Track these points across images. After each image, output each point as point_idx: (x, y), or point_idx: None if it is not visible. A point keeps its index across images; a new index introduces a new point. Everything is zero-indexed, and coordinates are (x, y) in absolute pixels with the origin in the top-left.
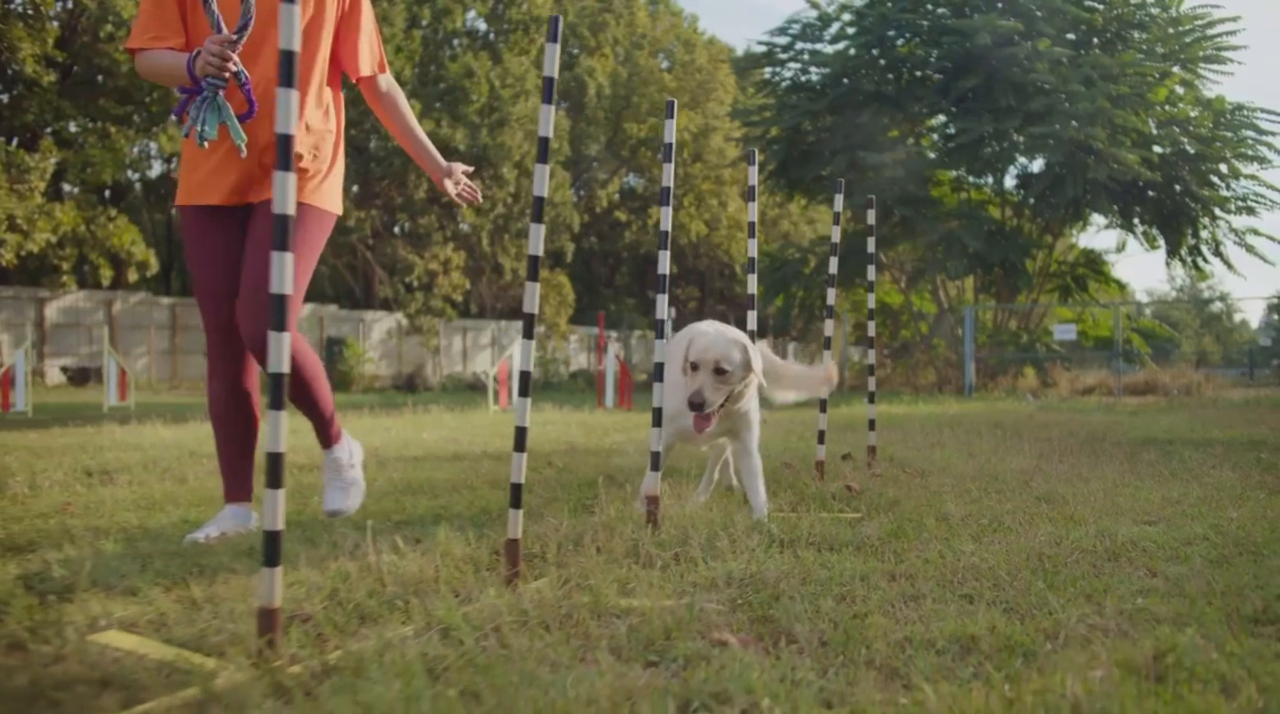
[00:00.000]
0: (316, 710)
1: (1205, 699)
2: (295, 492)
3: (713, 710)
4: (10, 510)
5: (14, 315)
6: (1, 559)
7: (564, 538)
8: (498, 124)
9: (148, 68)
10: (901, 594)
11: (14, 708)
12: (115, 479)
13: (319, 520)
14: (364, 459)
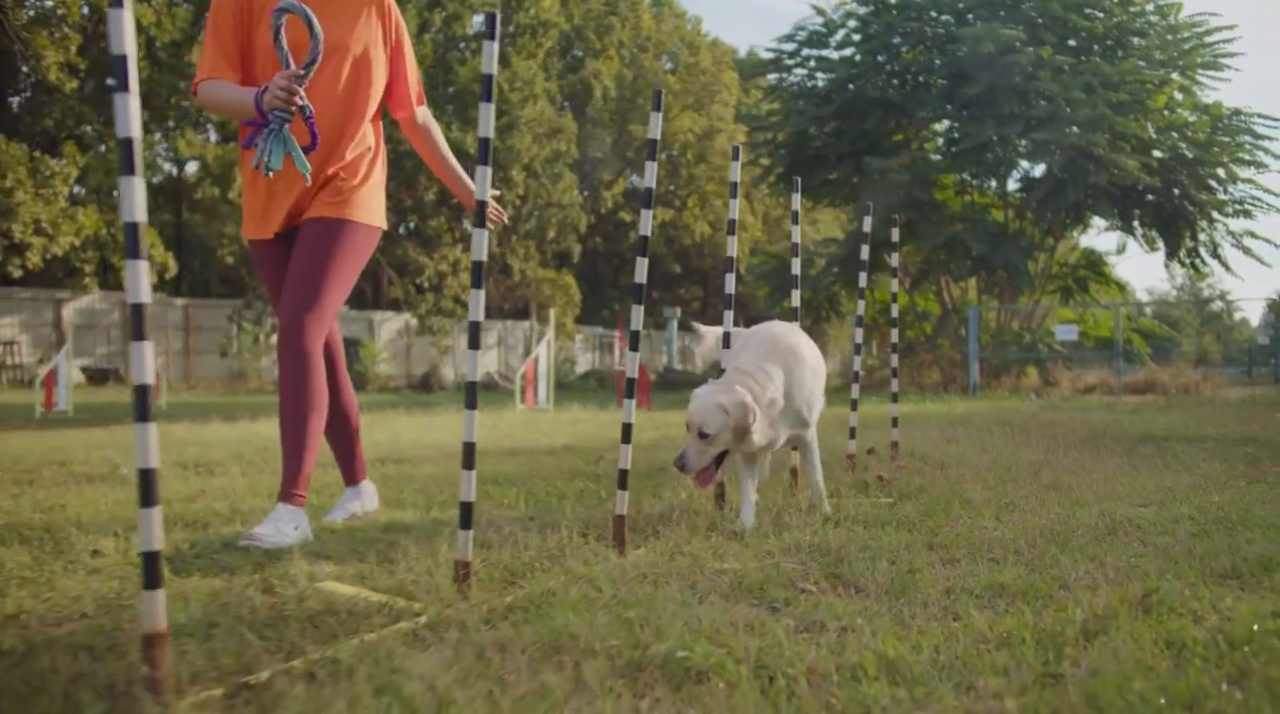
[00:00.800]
0: (519, 632)
1: (1179, 624)
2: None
3: (814, 632)
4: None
5: (33, 316)
6: (193, 530)
7: (648, 517)
8: (507, 127)
9: (208, 99)
10: (940, 558)
11: (283, 631)
12: (214, 471)
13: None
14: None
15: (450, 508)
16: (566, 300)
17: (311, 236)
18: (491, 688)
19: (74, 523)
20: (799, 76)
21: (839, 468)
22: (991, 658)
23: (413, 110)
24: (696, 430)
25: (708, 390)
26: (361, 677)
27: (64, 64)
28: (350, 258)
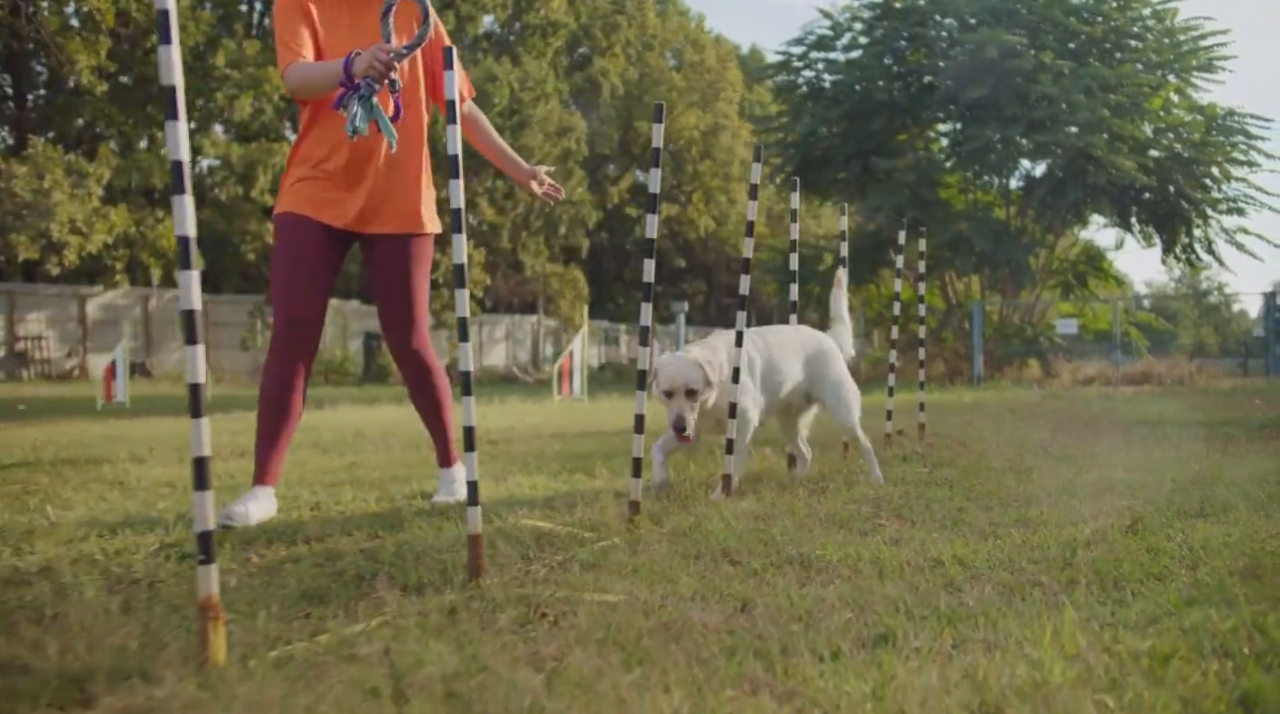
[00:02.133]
0: (693, 546)
1: (1157, 539)
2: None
3: (898, 545)
4: (316, 462)
5: (58, 312)
6: (389, 486)
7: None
8: (519, 126)
9: (299, 80)
10: (977, 505)
11: (518, 547)
12: (339, 451)
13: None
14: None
15: (568, 475)
16: (575, 294)
17: (393, 256)
18: (693, 575)
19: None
20: (807, 78)
21: (878, 445)
22: (1027, 555)
23: (463, 103)
24: (683, 390)
25: (671, 356)
26: (610, 565)
27: (95, 67)
28: (427, 267)
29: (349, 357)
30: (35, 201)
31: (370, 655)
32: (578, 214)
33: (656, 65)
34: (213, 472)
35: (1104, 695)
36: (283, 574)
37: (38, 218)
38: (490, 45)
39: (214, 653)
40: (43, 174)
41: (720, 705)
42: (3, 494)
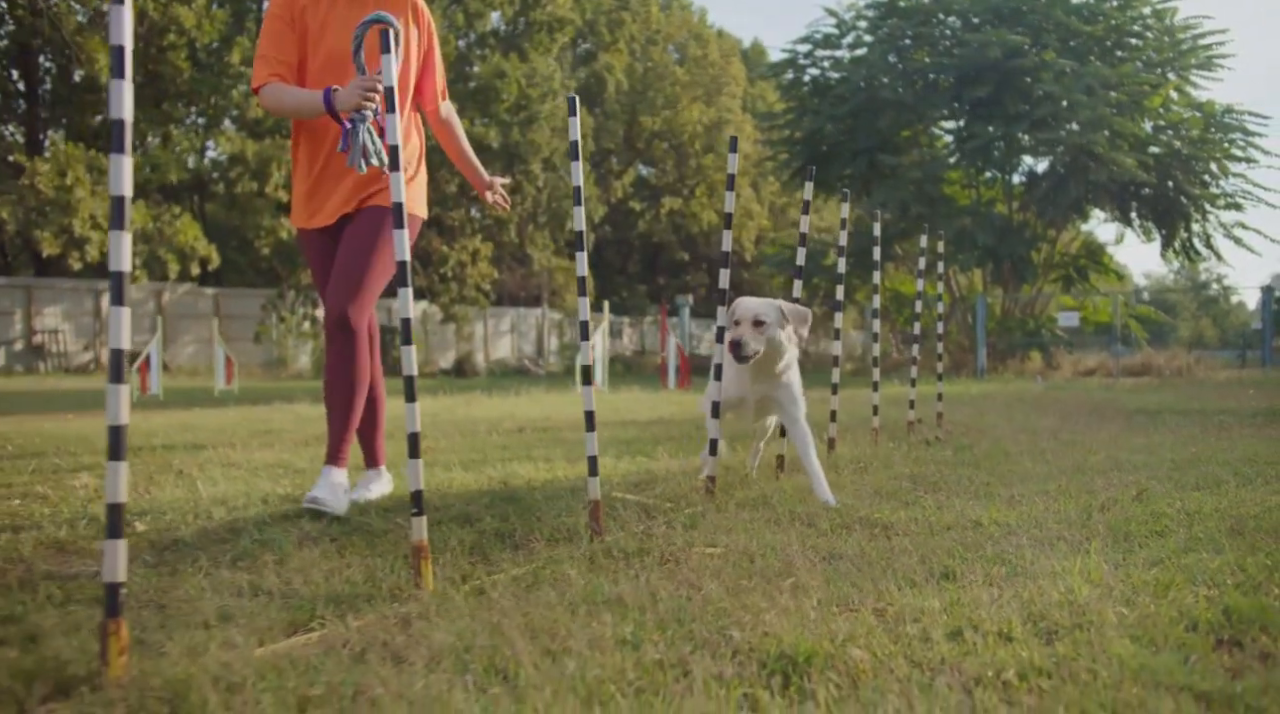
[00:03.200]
0: (766, 510)
1: (1159, 505)
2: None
3: (942, 510)
4: (396, 447)
5: (74, 306)
6: (474, 467)
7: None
8: (527, 122)
9: (273, 102)
10: (1000, 482)
11: (621, 513)
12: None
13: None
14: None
15: (630, 458)
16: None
17: (359, 225)
18: (778, 534)
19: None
20: (813, 76)
21: (901, 432)
22: (1051, 518)
23: (438, 105)
24: (751, 320)
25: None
26: (706, 527)
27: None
28: (392, 244)
29: None
30: (58, 198)
31: (547, 586)
32: (585, 209)
33: (660, 60)
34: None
35: (1121, 608)
36: (441, 531)
37: (60, 214)
38: (497, 42)
39: (426, 582)
40: (64, 171)
41: (832, 616)
42: (153, 473)
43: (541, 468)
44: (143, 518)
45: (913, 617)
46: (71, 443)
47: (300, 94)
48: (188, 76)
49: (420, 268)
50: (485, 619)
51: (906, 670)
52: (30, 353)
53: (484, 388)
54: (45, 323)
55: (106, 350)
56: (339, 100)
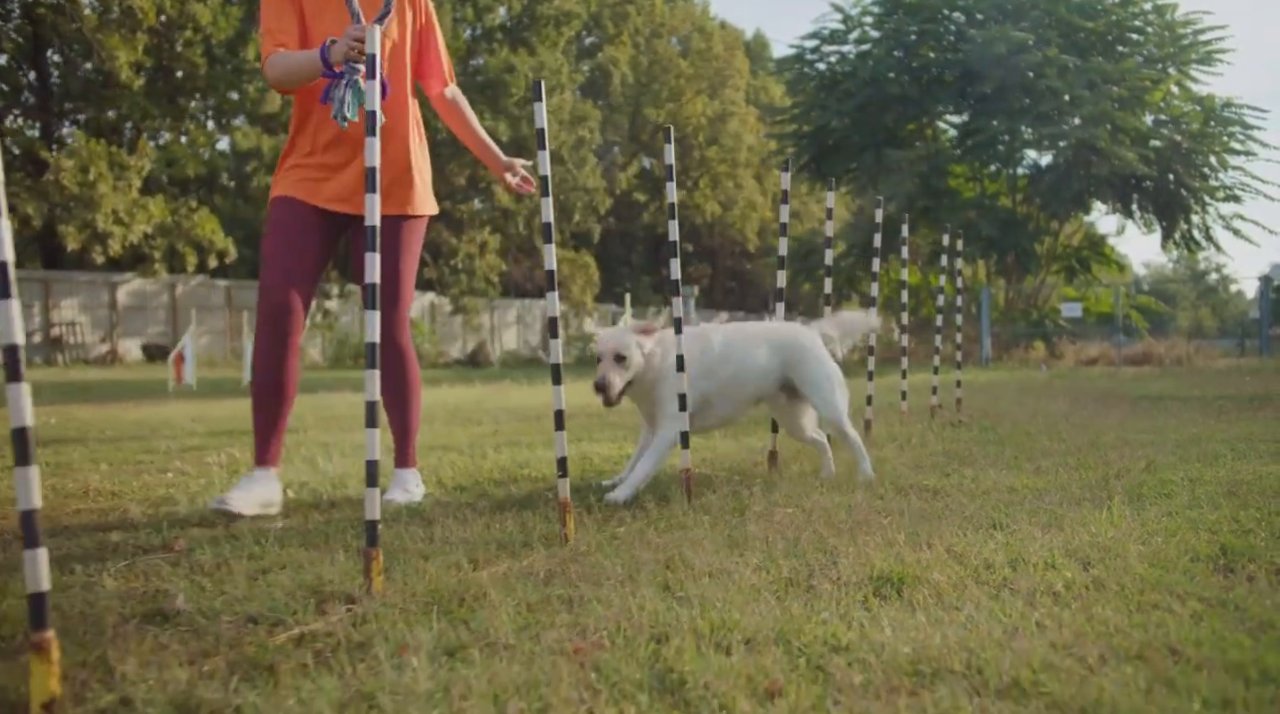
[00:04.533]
0: (832, 483)
1: (1167, 474)
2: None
3: (978, 479)
4: (469, 431)
5: (90, 299)
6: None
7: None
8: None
9: (279, 72)
10: (1024, 456)
11: (665, 490)
12: (462, 424)
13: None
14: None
15: None
16: (586, 279)
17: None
18: (843, 497)
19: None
20: (819, 71)
21: (925, 415)
22: (1075, 484)
23: (445, 85)
24: (612, 355)
25: (614, 328)
26: (779, 491)
27: (134, 63)
28: (416, 251)
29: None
30: (81, 194)
31: (678, 530)
32: (591, 201)
33: (665, 53)
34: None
35: (1138, 545)
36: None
37: (83, 209)
38: (505, 36)
39: (570, 532)
40: (86, 167)
41: (906, 554)
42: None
43: (615, 447)
44: (345, 483)
45: (975, 553)
46: (162, 427)
47: (300, 55)
48: (204, 72)
49: (431, 260)
50: (639, 554)
51: (977, 588)
52: (48, 345)
53: (510, 378)
54: (63, 315)
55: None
56: (332, 53)
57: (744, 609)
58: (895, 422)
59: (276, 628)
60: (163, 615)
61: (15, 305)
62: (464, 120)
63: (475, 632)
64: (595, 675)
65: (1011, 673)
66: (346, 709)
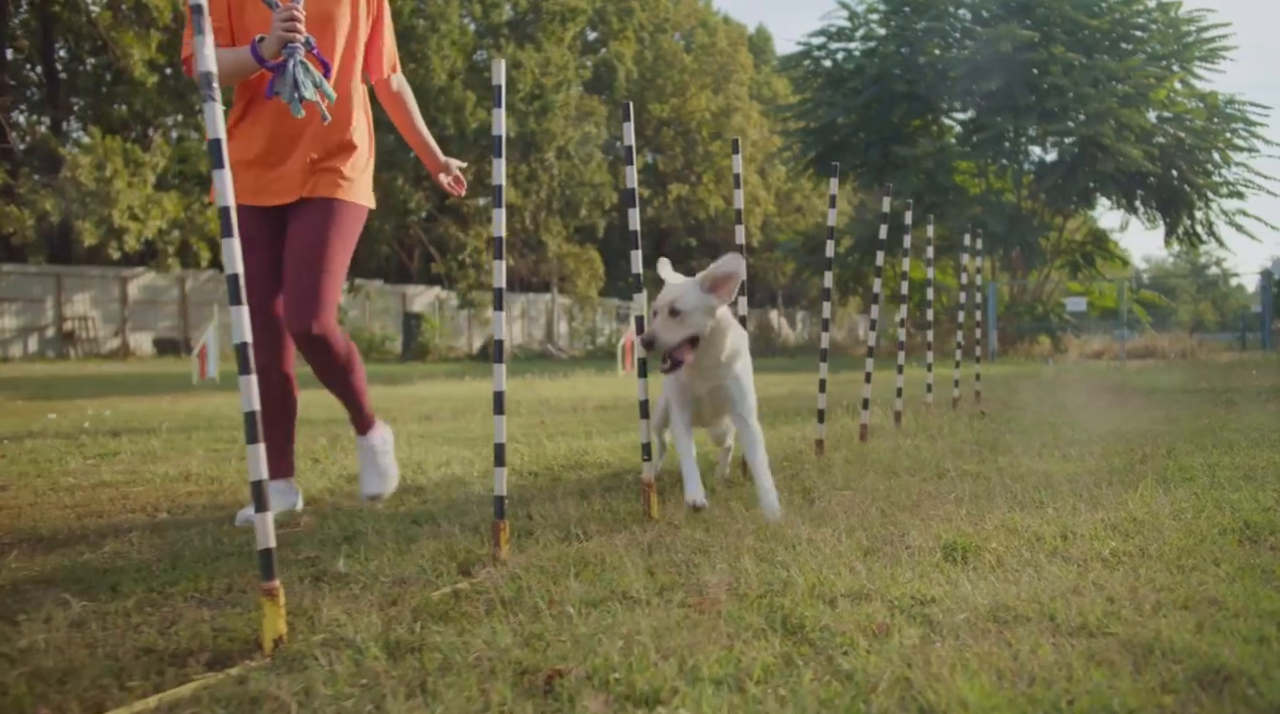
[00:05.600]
0: (867, 466)
1: (1187, 460)
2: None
3: (1012, 464)
4: (517, 421)
5: (101, 293)
6: (605, 436)
7: (841, 436)
8: (541, 111)
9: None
10: (1051, 444)
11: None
12: (513, 416)
13: None
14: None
15: None
16: (591, 273)
17: (307, 223)
18: (893, 480)
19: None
20: (826, 68)
21: (945, 408)
22: (1104, 468)
23: (387, 75)
24: (668, 307)
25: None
26: (832, 474)
27: (148, 61)
28: (348, 241)
29: (388, 335)
30: (98, 189)
31: (740, 512)
32: (598, 196)
33: (669, 48)
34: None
35: (1170, 520)
36: (625, 480)
37: (100, 205)
38: (511, 32)
39: (653, 511)
40: (103, 164)
41: (965, 527)
42: (323, 446)
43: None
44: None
45: (1026, 527)
46: (217, 418)
47: (228, 53)
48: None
49: (439, 255)
50: (729, 527)
51: (1033, 555)
52: (60, 339)
53: (527, 372)
54: (75, 310)
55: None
56: (264, 47)
57: (836, 571)
58: (922, 413)
59: (427, 587)
60: (331, 577)
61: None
62: (405, 111)
63: (611, 589)
64: (725, 622)
65: (1079, 618)
66: (527, 646)
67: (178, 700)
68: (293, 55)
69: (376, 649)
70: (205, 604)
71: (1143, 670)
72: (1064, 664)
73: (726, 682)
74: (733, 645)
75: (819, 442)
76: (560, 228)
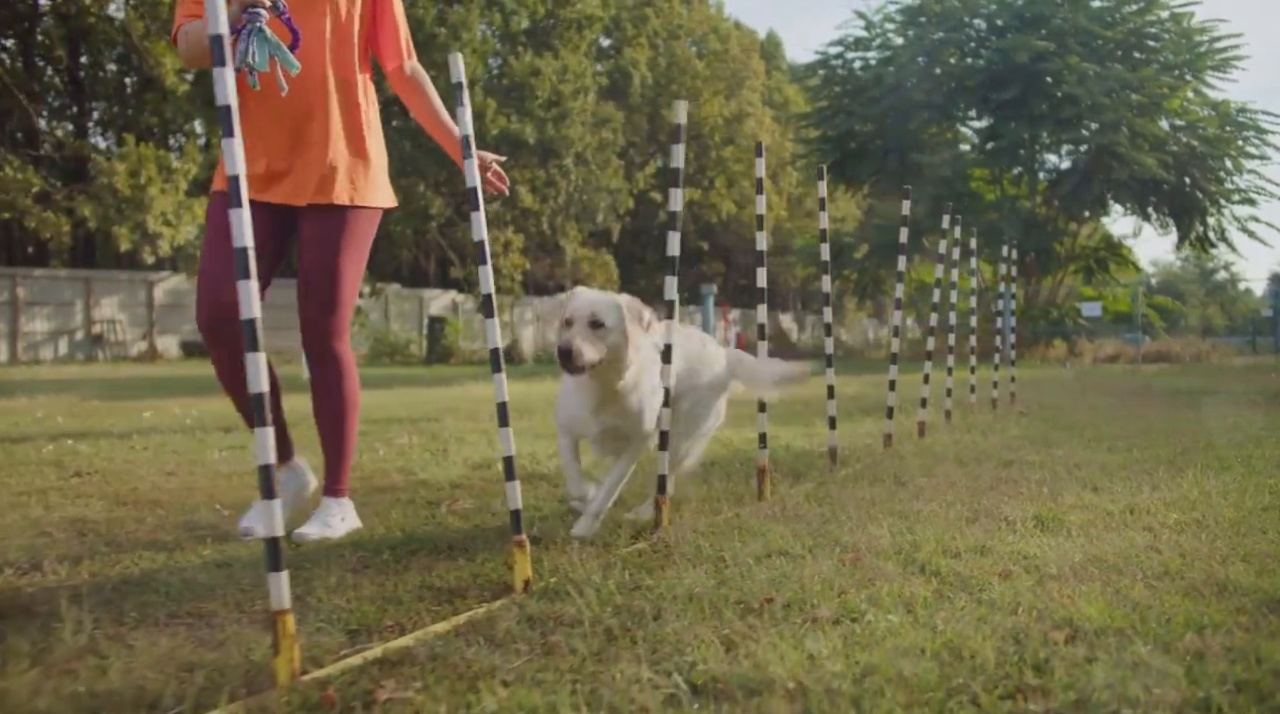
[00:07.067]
0: (935, 457)
1: (1221, 453)
2: None
3: (1062, 455)
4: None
5: (129, 297)
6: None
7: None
8: (559, 117)
9: (184, 45)
10: (1095, 439)
11: (808, 463)
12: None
13: None
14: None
15: (774, 426)
16: (605, 278)
17: (323, 232)
18: (961, 469)
19: None
20: (843, 77)
21: (985, 407)
22: (1147, 458)
23: (402, 62)
24: (587, 319)
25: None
26: (905, 464)
27: (179, 70)
28: (363, 248)
29: (410, 338)
30: (133, 196)
31: (831, 499)
32: (614, 202)
33: (682, 54)
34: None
35: (1219, 499)
36: (730, 468)
37: (135, 211)
38: (529, 40)
39: (768, 493)
40: (137, 171)
41: (1043, 504)
42: (425, 440)
43: (733, 435)
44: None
45: (1094, 504)
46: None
47: (197, 25)
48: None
49: (457, 260)
50: (844, 502)
51: (1106, 526)
52: (89, 342)
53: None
54: (103, 313)
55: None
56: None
57: (951, 534)
58: (966, 412)
59: (616, 548)
60: (546, 541)
61: None
62: (425, 100)
63: (769, 548)
64: (867, 570)
65: (1160, 567)
66: (726, 585)
67: (473, 620)
68: (253, 20)
69: (612, 586)
70: (462, 555)
71: (1220, 599)
72: (1158, 596)
73: (899, 607)
74: (891, 584)
75: (887, 436)
76: (576, 232)
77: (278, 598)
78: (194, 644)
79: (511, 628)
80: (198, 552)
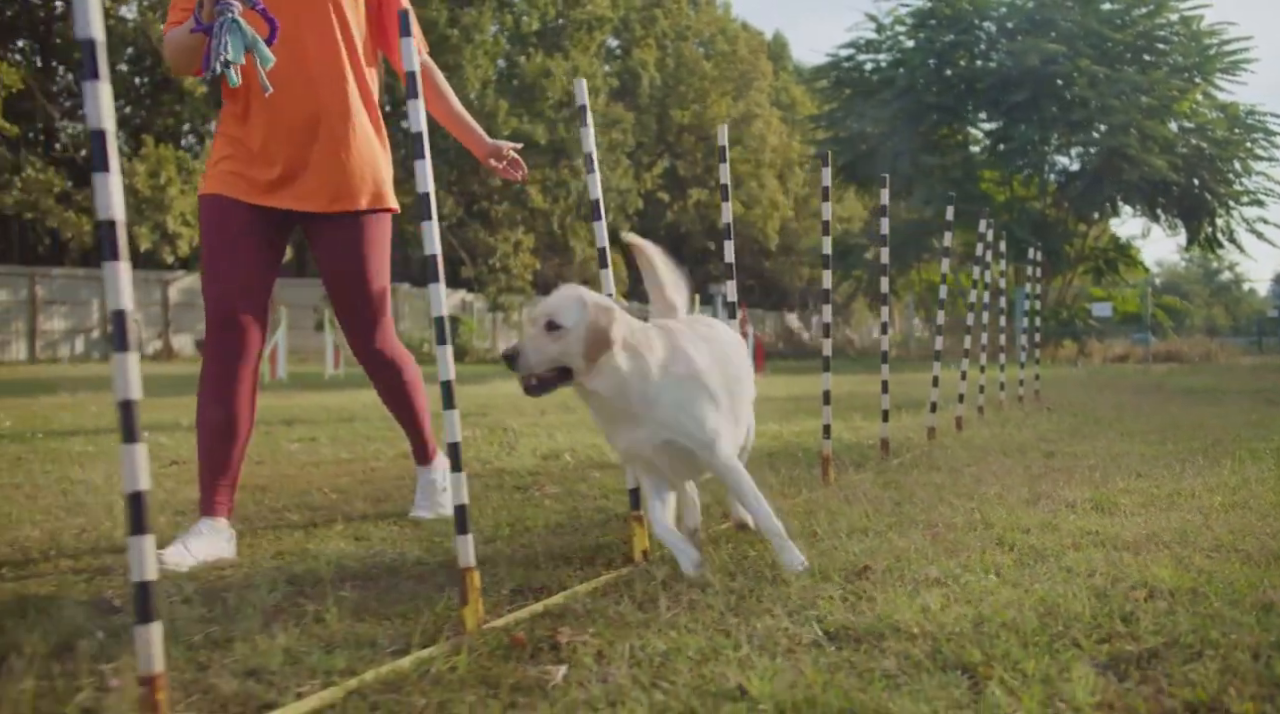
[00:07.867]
0: (979, 450)
1: (1254, 445)
2: None
3: (1097, 448)
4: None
5: (143, 296)
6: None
7: (904, 432)
8: (570, 118)
9: (171, 49)
10: (1124, 432)
11: (846, 457)
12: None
13: None
14: None
15: (809, 421)
16: (615, 277)
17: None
18: (1008, 456)
19: None
20: (855, 79)
21: (1014, 404)
22: (1183, 450)
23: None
24: (544, 320)
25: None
26: (956, 454)
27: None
28: (385, 249)
29: (425, 337)
30: (153, 197)
31: (879, 489)
32: (623, 202)
33: (690, 56)
34: None
35: (1258, 485)
36: (768, 467)
37: (155, 211)
38: (539, 41)
39: (831, 477)
40: (156, 171)
41: (1094, 489)
42: (482, 434)
43: (779, 429)
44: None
45: (1140, 489)
46: (361, 412)
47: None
48: None
49: (469, 259)
50: (908, 487)
51: (1154, 507)
52: (106, 340)
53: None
54: None
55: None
56: (203, 12)
57: (1017, 514)
58: (999, 408)
59: (707, 528)
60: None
61: None
62: (439, 94)
63: (852, 525)
64: (949, 544)
65: (1215, 541)
66: (823, 556)
67: (612, 582)
68: (225, 13)
69: (725, 556)
70: (570, 532)
71: (1277, 566)
72: (1218, 564)
73: (989, 573)
74: (975, 554)
75: (930, 430)
76: (586, 232)
77: (465, 556)
78: (379, 601)
79: (648, 589)
80: (330, 528)
